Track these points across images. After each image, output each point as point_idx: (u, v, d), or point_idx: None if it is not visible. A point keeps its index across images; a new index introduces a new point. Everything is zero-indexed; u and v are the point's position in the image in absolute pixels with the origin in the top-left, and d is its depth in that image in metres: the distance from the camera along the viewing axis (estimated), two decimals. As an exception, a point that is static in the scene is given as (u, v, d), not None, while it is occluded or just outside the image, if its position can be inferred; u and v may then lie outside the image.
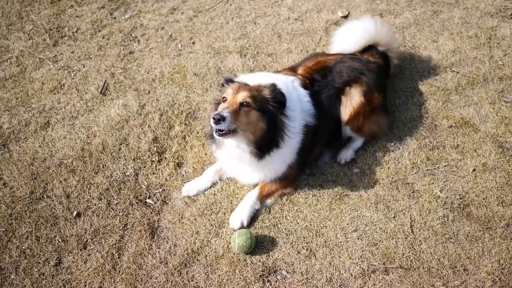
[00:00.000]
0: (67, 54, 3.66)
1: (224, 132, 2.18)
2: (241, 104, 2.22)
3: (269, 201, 2.58)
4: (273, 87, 2.33)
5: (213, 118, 2.13)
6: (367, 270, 2.29)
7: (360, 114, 2.70)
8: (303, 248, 2.39)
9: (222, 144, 2.40)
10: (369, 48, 3.04)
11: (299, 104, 2.48)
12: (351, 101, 2.69)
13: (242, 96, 2.23)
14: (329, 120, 2.69)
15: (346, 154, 2.79)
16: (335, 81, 2.70)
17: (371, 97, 2.72)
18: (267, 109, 2.28)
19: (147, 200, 2.65)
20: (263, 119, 2.26)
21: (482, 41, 3.50)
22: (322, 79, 2.70)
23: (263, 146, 2.31)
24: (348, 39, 3.04)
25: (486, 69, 3.28)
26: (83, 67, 3.56)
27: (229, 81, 2.41)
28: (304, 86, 2.59)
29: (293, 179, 2.62)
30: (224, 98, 2.28)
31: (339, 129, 2.77)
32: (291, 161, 2.52)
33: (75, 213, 2.59)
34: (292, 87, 2.50)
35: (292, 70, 2.76)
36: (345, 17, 3.80)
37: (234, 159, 2.42)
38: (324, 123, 2.62)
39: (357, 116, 2.70)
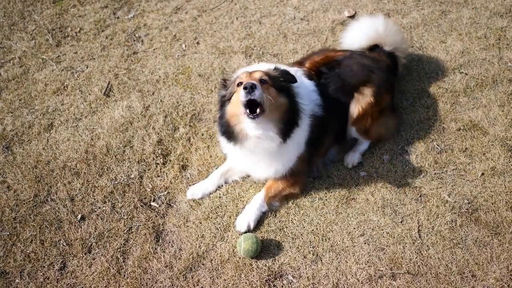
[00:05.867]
0: (70, 55, 3.64)
1: (257, 113, 2.09)
2: (260, 81, 2.19)
3: (276, 203, 2.55)
4: (277, 68, 2.36)
5: (245, 88, 2.05)
6: (374, 275, 2.27)
7: (368, 115, 2.64)
8: (309, 253, 2.37)
9: (245, 139, 2.29)
10: (375, 48, 2.99)
11: (305, 91, 2.44)
12: (360, 100, 2.62)
13: (259, 74, 2.23)
14: (337, 112, 2.61)
15: (353, 158, 2.76)
16: (343, 75, 2.62)
17: (380, 97, 2.66)
18: (282, 86, 2.28)
19: (152, 203, 2.63)
20: (281, 94, 2.26)
21: (491, 42, 3.44)
22: (329, 71, 2.63)
23: (287, 126, 2.27)
24: (357, 34, 3.00)
25: (495, 71, 3.23)
26: (87, 68, 3.53)
27: (228, 80, 2.39)
28: (309, 77, 2.54)
29: (301, 175, 2.55)
30: (240, 83, 2.21)
31: (346, 124, 2.70)
32: (300, 152, 2.46)
33: (79, 216, 2.57)
34: (296, 76, 2.45)
35: (299, 64, 2.71)
36: (352, 17, 3.75)
37: (255, 149, 2.32)
38: (331, 115, 2.54)
39: (365, 116, 2.64)
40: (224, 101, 2.36)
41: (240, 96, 2.13)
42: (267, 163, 2.45)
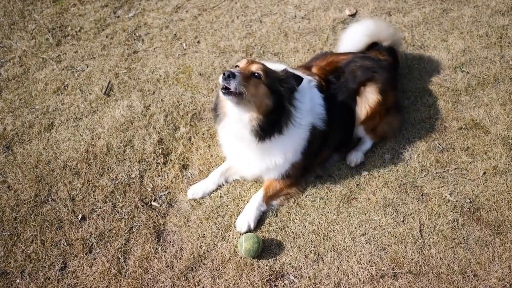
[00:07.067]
0: (71, 54, 3.63)
1: (230, 91, 2.12)
2: (253, 74, 2.20)
3: (275, 203, 2.55)
4: (287, 71, 2.34)
5: (223, 74, 2.10)
6: (376, 275, 2.26)
7: (377, 113, 2.66)
8: (311, 252, 2.37)
9: (224, 117, 2.34)
10: (374, 45, 3.00)
11: (310, 104, 2.44)
12: (368, 101, 2.63)
13: (256, 67, 2.23)
14: (342, 126, 2.65)
15: (356, 157, 2.75)
16: (349, 82, 2.65)
17: (386, 95, 2.68)
18: (277, 89, 2.25)
19: (153, 203, 2.63)
20: (270, 96, 2.23)
21: (493, 40, 3.43)
22: (336, 80, 2.65)
23: (266, 127, 2.25)
24: (353, 39, 3.01)
25: (497, 70, 3.22)
26: (87, 67, 3.52)
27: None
28: (320, 88, 2.55)
29: (297, 178, 2.57)
30: (237, 66, 2.26)
31: (351, 132, 2.73)
32: (294, 160, 2.48)
33: (80, 216, 2.57)
34: (308, 87, 2.47)
35: (307, 68, 2.71)
36: (353, 15, 3.74)
37: (234, 136, 2.36)
38: (335, 129, 2.57)
39: (374, 115, 2.65)
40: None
41: (219, 79, 2.18)
42: (253, 158, 2.44)
